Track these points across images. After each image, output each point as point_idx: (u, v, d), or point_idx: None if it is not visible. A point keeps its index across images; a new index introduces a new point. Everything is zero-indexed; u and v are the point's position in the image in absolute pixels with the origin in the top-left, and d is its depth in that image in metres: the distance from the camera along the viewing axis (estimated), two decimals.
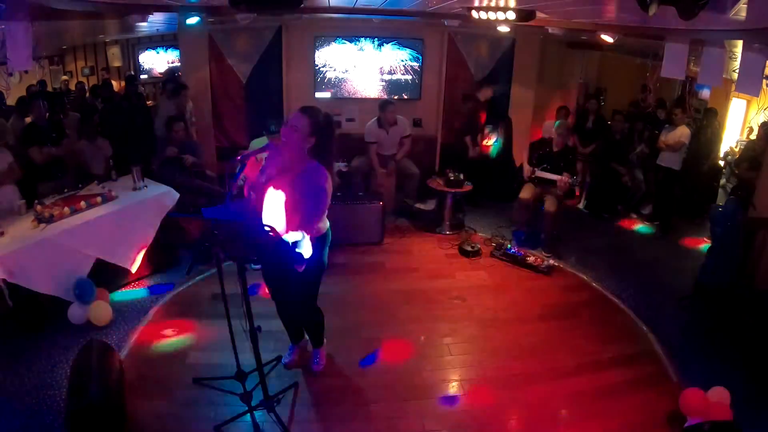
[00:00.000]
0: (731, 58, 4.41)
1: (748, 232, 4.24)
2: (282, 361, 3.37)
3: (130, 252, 4.17)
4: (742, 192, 5.12)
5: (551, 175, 5.13)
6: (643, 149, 6.32)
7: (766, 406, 3.14)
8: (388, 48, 6.49)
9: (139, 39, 9.71)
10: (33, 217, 3.73)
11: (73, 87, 8.81)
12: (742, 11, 2.25)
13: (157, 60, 9.97)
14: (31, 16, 3.33)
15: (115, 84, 9.13)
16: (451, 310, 4.18)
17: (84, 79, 9.13)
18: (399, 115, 5.83)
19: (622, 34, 4.41)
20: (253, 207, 2.76)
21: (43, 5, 3.09)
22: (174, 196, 4.49)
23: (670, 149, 5.77)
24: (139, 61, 9.95)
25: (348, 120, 6.65)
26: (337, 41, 6.39)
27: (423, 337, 3.81)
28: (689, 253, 5.44)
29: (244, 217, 2.66)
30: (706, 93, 7.20)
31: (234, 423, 2.82)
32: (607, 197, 6.41)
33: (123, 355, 3.41)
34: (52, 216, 3.75)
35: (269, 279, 3.08)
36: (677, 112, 5.81)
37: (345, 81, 6.57)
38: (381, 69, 6.57)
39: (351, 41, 6.41)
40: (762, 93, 5.68)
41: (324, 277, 2.99)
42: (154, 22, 6.59)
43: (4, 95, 7.40)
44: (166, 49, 9.79)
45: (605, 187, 6.39)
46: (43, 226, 3.67)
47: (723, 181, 6.29)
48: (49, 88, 8.44)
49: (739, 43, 3.58)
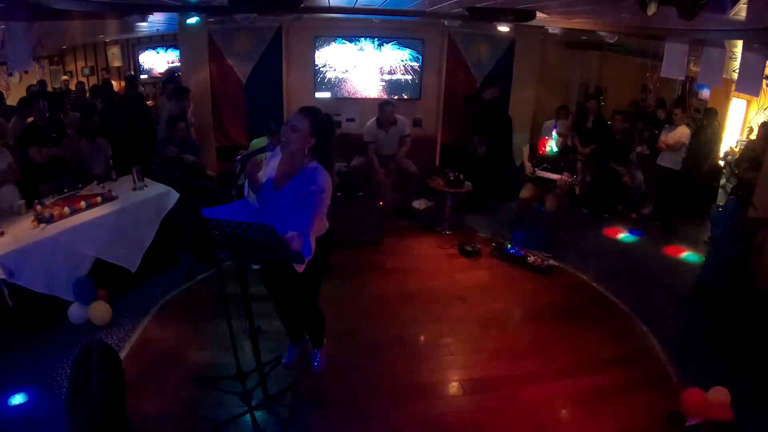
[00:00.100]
0: (731, 58, 4.41)
1: (748, 232, 4.24)
2: (282, 361, 3.38)
3: (130, 252, 4.17)
4: (742, 192, 5.11)
5: (551, 175, 5.13)
6: (643, 150, 6.32)
7: (766, 406, 3.14)
8: (388, 48, 6.49)
9: (139, 39, 9.72)
10: (33, 217, 3.73)
11: (73, 87, 8.81)
12: (742, 11, 2.25)
13: (157, 60, 9.98)
14: (31, 16, 3.34)
15: (115, 84, 9.12)
16: (451, 310, 4.18)
17: (84, 79, 9.12)
18: (399, 115, 5.84)
19: (623, 34, 4.41)
20: (254, 207, 2.76)
21: (43, 5, 3.09)
22: (174, 196, 4.49)
23: (670, 149, 5.77)
24: (139, 61, 9.95)
25: (348, 120, 6.65)
26: (337, 41, 6.39)
27: (423, 337, 3.81)
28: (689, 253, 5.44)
29: (245, 218, 2.66)
30: (706, 93, 7.20)
31: (234, 423, 2.82)
32: (607, 197, 6.42)
33: (123, 355, 3.41)
34: (52, 216, 3.75)
35: (269, 279, 3.07)
36: (677, 112, 5.81)
37: (345, 81, 6.57)
38: (381, 69, 6.57)
39: (351, 41, 6.41)
40: (762, 93, 5.68)
41: (324, 278, 2.99)
42: (154, 22, 6.59)
43: (4, 95, 7.40)
44: (166, 49, 9.80)
45: (605, 187, 6.39)
46: (43, 226, 3.67)
47: (723, 181, 6.29)
48: (49, 88, 8.43)
49: (739, 43, 3.58)
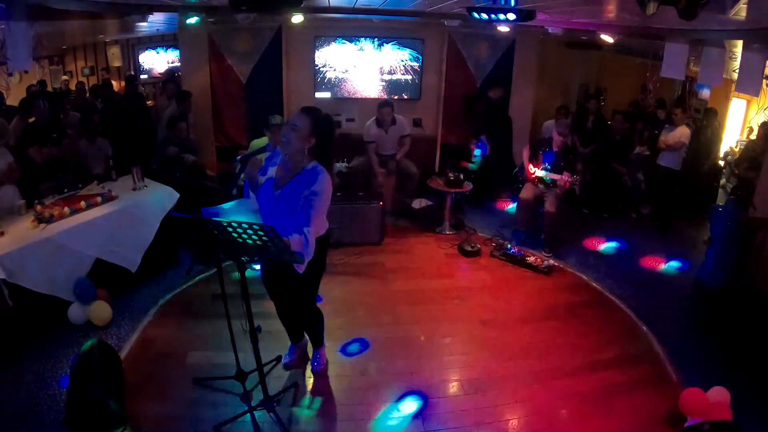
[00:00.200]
0: (731, 58, 4.42)
1: (748, 232, 4.24)
2: (282, 361, 3.38)
3: (130, 252, 4.17)
4: (742, 192, 5.12)
5: (551, 175, 5.13)
6: (642, 151, 6.32)
7: (766, 406, 3.14)
8: (388, 48, 6.48)
9: (139, 39, 9.73)
10: (33, 217, 3.73)
11: (73, 87, 8.81)
12: (742, 11, 2.25)
13: (157, 60, 9.98)
14: (31, 16, 3.34)
15: (115, 84, 9.13)
16: (451, 310, 4.18)
17: (84, 79, 9.13)
18: (399, 114, 5.84)
19: (623, 34, 4.41)
20: (254, 207, 2.76)
21: (43, 5, 3.09)
22: (174, 196, 4.49)
23: (670, 149, 5.77)
24: (139, 61, 9.96)
25: (348, 120, 6.65)
26: (337, 41, 6.39)
27: (423, 337, 3.81)
28: (689, 253, 5.44)
29: (245, 218, 2.66)
30: (706, 93, 7.20)
31: (234, 423, 2.82)
32: (607, 197, 6.42)
33: (123, 355, 3.41)
34: (52, 216, 3.75)
35: (269, 279, 3.07)
36: (677, 112, 5.81)
37: (345, 81, 6.57)
38: (381, 69, 6.56)
39: (351, 41, 6.41)
40: (762, 93, 5.67)
41: (324, 278, 2.99)
42: (154, 22, 6.60)
43: (4, 95, 7.39)
44: (166, 49, 9.80)
45: (605, 187, 6.39)
46: (43, 226, 3.67)
47: (723, 181, 6.29)
48: (49, 88, 8.43)
49: (739, 43, 3.58)
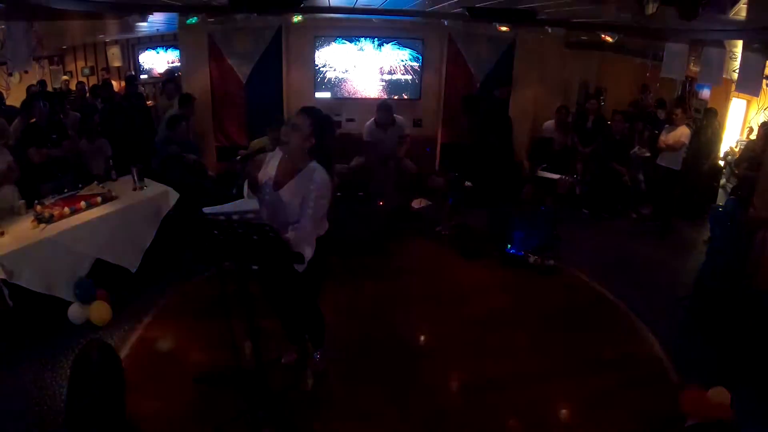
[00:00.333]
0: (731, 58, 4.42)
1: (748, 232, 4.24)
2: (282, 361, 3.37)
3: (130, 252, 4.17)
4: (742, 192, 5.11)
5: (552, 175, 5.13)
6: (642, 152, 6.32)
7: (766, 406, 3.14)
8: (388, 48, 6.48)
9: (139, 39, 9.72)
10: (33, 217, 3.73)
11: (73, 87, 8.81)
12: (742, 11, 2.25)
13: (157, 60, 9.98)
14: (31, 16, 3.34)
15: (115, 84, 9.13)
16: (451, 310, 4.18)
17: (84, 79, 9.13)
18: (398, 114, 5.84)
19: (623, 34, 4.41)
20: (254, 207, 2.76)
21: (43, 5, 3.09)
22: (174, 196, 4.49)
23: (671, 149, 5.77)
24: (139, 61, 9.96)
25: (348, 120, 6.65)
26: (337, 41, 6.39)
27: (423, 337, 3.81)
28: (689, 253, 5.44)
29: (245, 218, 2.66)
30: (706, 93, 7.21)
31: (234, 423, 2.82)
32: (607, 197, 6.42)
33: (123, 355, 3.41)
34: (52, 216, 3.75)
35: (269, 280, 3.07)
36: (677, 112, 5.81)
37: (345, 81, 6.57)
38: (381, 69, 6.56)
39: (351, 41, 6.41)
40: (762, 93, 5.68)
41: (324, 278, 2.98)
42: (154, 22, 6.60)
43: (4, 95, 7.39)
44: (166, 49, 9.80)
45: (605, 187, 6.39)
46: (43, 226, 3.67)
47: (723, 181, 6.30)
48: (49, 88, 8.43)
49: (739, 43, 3.58)
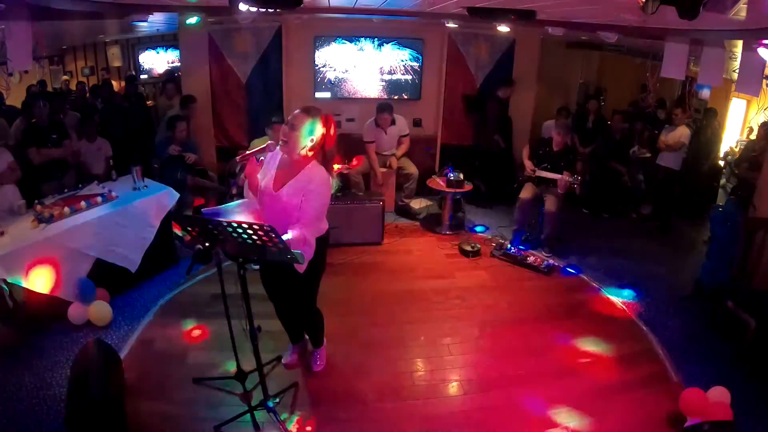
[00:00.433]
0: (731, 58, 4.42)
1: (748, 232, 4.24)
2: (282, 361, 3.38)
3: (130, 252, 4.17)
4: (742, 192, 5.11)
5: (552, 175, 5.12)
6: (641, 152, 6.31)
7: (766, 406, 3.14)
8: (388, 48, 6.48)
9: (139, 39, 9.71)
10: (33, 217, 3.73)
11: (74, 87, 8.81)
12: (742, 11, 2.25)
13: (157, 60, 9.97)
14: (31, 16, 3.33)
15: (115, 84, 9.13)
16: (451, 310, 4.18)
17: (84, 79, 9.13)
18: (398, 114, 5.84)
19: (623, 34, 4.41)
20: (254, 207, 2.76)
21: (43, 5, 3.09)
22: (174, 196, 4.49)
23: (670, 149, 5.76)
24: (139, 61, 9.95)
25: (348, 120, 6.65)
26: (337, 41, 6.39)
27: (423, 337, 3.81)
28: (689, 253, 5.44)
29: (245, 218, 2.66)
30: (706, 93, 7.20)
31: (234, 423, 2.82)
32: (607, 197, 6.42)
33: (123, 355, 3.41)
34: (52, 216, 3.75)
35: (269, 280, 3.07)
36: (677, 112, 5.81)
37: (345, 81, 6.57)
38: (381, 69, 6.56)
39: (351, 41, 6.40)
40: (762, 93, 5.67)
41: (323, 278, 2.99)
42: (154, 22, 6.59)
43: (4, 95, 7.40)
44: (166, 49, 9.79)
45: (605, 187, 6.39)
46: (43, 226, 3.67)
47: (723, 181, 6.29)
48: (49, 88, 8.43)
49: (739, 43, 3.58)
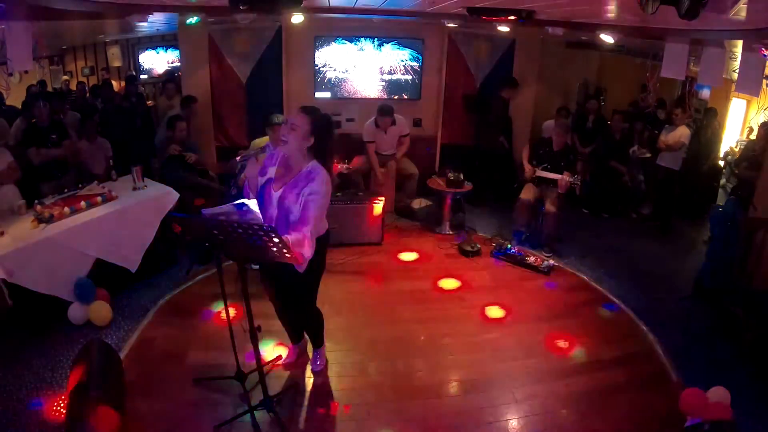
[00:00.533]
0: (731, 58, 4.41)
1: (748, 232, 4.24)
2: (282, 361, 3.38)
3: (130, 252, 4.17)
4: (742, 192, 5.11)
5: (552, 175, 5.12)
6: (641, 153, 6.31)
7: (766, 406, 3.14)
8: (388, 48, 6.48)
9: (139, 39, 9.71)
10: (33, 217, 3.73)
11: (73, 87, 8.81)
12: (742, 11, 2.25)
13: (157, 60, 9.96)
14: (31, 16, 3.33)
15: (115, 84, 9.13)
16: (451, 310, 4.18)
17: (84, 79, 9.13)
18: (398, 114, 5.84)
19: (623, 34, 4.41)
20: (254, 207, 2.76)
21: (43, 5, 3.09)
22: (174, 196, 4.49)
23: (670, 149, 5.76)
24: (139, 61, 9.95)
25: (348, 120, 6.65)
26: (337, 41, 6.39)
27: (423, 337, 3.81)
28: (689, 253, 5.44)
29: (244, 218, 2.66)
30: (706, 93, 7.19)
31: (234, 423, 2.83)
32: (607, 197, 6.42)
33: (123, 355, 3.41)
34: (52, 216, 3.75)
35: (269, 280, 3.07)
36: (677, 112, 5.81)
37: (345, 81, 6.57)
38: (381, 69, 6.56)
39: (351, 41, 6.40)
40: (762, 93, 5.67)
41: (323, 278, 2.99)
42: (154, 22, 6.59)
43: (4, 95, 7.40)
44: (166, 49, 9.78)
45: (605, 187, 6.39)
46: (43, 226, 3.67)
47: (723, 181, 6.29)
48: (49, 88, 8.43)
49: (739, 43, 3.57)
